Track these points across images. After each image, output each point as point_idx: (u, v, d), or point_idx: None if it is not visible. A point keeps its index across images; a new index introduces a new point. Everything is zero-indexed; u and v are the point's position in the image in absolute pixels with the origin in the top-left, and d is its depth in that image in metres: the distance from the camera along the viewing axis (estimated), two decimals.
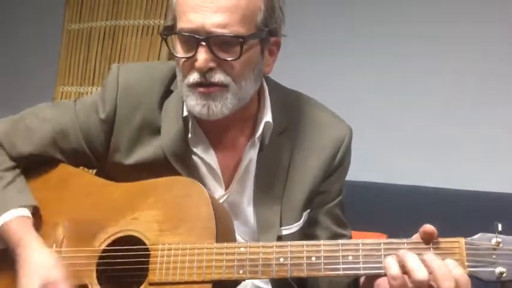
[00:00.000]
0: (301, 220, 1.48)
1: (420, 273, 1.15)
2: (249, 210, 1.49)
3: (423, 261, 1.17)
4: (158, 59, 3.16)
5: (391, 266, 1.18)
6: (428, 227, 1.21)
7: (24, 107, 1.57)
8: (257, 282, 1.51)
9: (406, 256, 1.18)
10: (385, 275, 1.22)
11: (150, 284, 1.30)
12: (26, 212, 1.41)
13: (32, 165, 1.50)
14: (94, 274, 1.34)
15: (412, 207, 2.56)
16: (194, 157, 1.46)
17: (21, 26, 3.75)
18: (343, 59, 3.01)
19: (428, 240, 1.22)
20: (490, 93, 2.76)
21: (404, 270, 1.17)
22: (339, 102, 1.69)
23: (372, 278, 1.27)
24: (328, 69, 3.03)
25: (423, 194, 2.62)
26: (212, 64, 1.31)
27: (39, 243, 1.37)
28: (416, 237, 1.24)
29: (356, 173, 1.68)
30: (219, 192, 1.47)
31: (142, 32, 3.30)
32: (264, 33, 1.35)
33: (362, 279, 1.33)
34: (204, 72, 1.31)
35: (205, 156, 1.46)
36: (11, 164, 1.49)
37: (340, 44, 3.02)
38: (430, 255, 1.18)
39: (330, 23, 3.05)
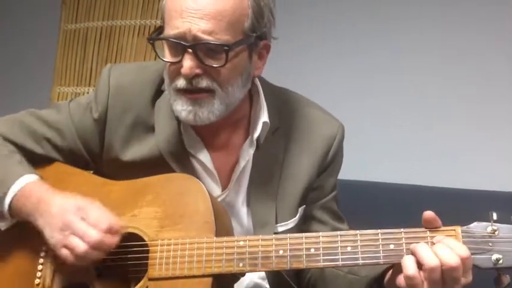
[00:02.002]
0: (297, 216, 1.50)
1: (431, 260, 1.17)
2: (244, 210, 1.50)
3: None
4: (155, 59, 3.14)
5: (409, 266, 1.19)
6: (428, 214, 1.24)
7: (21, 108, 1.57)
8: (255, 279, 1.53)
9: (417, 248, 1.20)
10: (383, 264, 1.24)
11: (150, 280, 1.30)
12: (37, 178, 1.42)
13: (28, 162, 1.49)
14: (93, 271, 1.35)
15: (408, 206, 2.51)
16: (190, 157, 1.47)
17: (17, 26, 3.74)
18: (341, 58, 2.99)
19: (431, 226, 1.23)
20: (489, 93, 2.73)
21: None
22: (335, 100, 1.70)
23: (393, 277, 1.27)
24: (324, 68, 3.01)
25: (420, 193, 2.60)
26: (198, 71, 1.31)
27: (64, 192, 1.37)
28: None
29: (352, 171, 1.69)
30: (216, 192, 1.48)
31: (139, 32, 3.30)
32: (252, 39, 1.35)
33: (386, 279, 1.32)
34: (191, 78, 1.32)
35: (200, 157, 1.47)
36: (13, 147, 1.49)
37: (337, 42, 3.01)
38: (438, 245, 1.20)
39: (327, 21, 3.04)
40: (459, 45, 2.78)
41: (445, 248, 1.18)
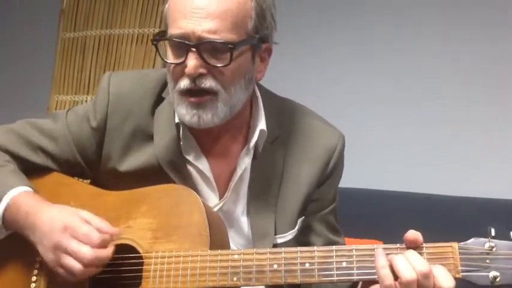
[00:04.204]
0: (296, 228, 1.49)
1: (407, 273, 1.17)
2: (243, 219, 1.49)
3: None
4: (153, 67, 3.16)
5: (386, 276, 1.19)
6: (410, 235, 1.22)
7: (19, 116, 1.56)
8: None
9: (394, 259, 1.20)
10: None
11: None
12: (30, 190, 1.41)
13: (24, 172, 1.48)
14: (87, 283, 1.34)
15: (406, 213, 2.56)
16: (188, 165, 1.46)
17: (16, 35, 3.75)
18: (335, 65, 3.01)
19: (414, 247, 1.22)
20: (483, 99, 2.75)
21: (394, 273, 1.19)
22: (330, 108, 1.69)
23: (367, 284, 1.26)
24: (318, 76, 3.02)
25: (418, 201, 2.62)
26: (202, 70, 1.31)
27: (52, 205, 1.37)
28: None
29: (350, 179, 1.68)
30: (213, 200, 1.47)
31: (137, 40, 3.31)
32: (255, 40, 1.35)
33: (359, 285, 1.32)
34: (195, 78, 1.32)
35: (198, 164, 1.46)
36: (7, 157, 1.48)
37: (332, 49, 3.02)
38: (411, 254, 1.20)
39: (327, 27, 3.05)
40: (465, 48, 2.78)
41: (418, 259, 1.19)
